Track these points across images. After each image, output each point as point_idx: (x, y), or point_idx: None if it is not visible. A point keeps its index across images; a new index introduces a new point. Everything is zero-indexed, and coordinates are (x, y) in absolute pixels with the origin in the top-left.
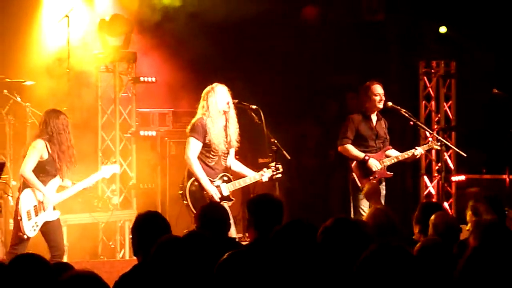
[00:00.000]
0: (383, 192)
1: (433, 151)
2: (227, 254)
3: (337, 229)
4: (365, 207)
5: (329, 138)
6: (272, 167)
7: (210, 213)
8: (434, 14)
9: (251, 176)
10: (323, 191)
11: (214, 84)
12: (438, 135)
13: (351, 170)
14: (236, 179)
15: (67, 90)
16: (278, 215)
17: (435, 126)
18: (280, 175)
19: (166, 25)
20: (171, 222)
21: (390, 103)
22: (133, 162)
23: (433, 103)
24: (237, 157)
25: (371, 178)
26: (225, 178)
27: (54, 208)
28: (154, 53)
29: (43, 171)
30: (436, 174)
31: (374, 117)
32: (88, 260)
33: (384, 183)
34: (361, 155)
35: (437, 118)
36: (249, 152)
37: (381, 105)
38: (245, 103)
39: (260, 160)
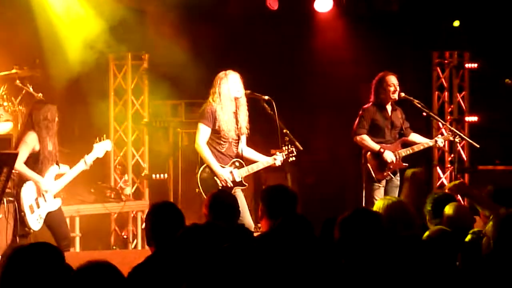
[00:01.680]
0: (397, 183)
1: (446, 142)
2: (224, 246)
3: (356, 220)
4: (378, 198)
5: (342, 129)
6: (285, 151)
7: (218, 200)
8: (448, 5)
9: (263, 161)
10: (335, 183)
11: (228, 71)
12: (451, 126)
13: (365, 161)
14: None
15: (80, 81)
16: (292, 205)
17: (448, 117)
18: (294, 158)
19: (178, 14)
20: (184, 213)
21: (403, 94)
22: (145, 152)
23: (446, 93)
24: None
25: (386, 169)
26: (237, 164)
27: (54, 197)
28: (167, 44)
29: (38, 161)
30: (449, 165)
31: (389, 107)
32: (100, 250)
33: (398, 174)
34: (376, 147)
35: (450, 109)
36: (261, 143)
37: (395, 96)
38: (258, 94)
39: (272, 151)
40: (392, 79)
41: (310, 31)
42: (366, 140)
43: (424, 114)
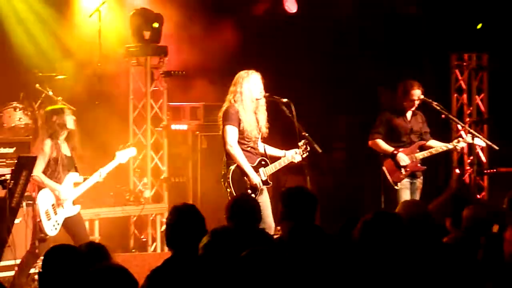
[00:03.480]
0: (419, 185)
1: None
2: (246, 251)
3: (377, 223)
4: (400, 200)
5: (361, 131)
6: (302, 147)
7: (239, 204)
8: (467, 7)
9: (284, 158)
10: (354, 186)
11: (250, 71)
12: (470, 128)
13: (381, 164)
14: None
15: (99, 84)
16: (312, 207)
17: (467, 119)
18: (307, 153)
19: (196, 17)
20: (203, 216)
21: (422, 96)
22: (164, 155)
23: (465, 96)
24: None
25: (401, 172)
26: (263, 163)
27: (73, 203)
28: (185, 47)
29: (57, 168)
30: (468, 167)
31: (409, 112)
32: (119, 253)
33: (421, 177)
34: (390, 149)
35: (469, 111)
36: (280, 145)
37: (414, 109)
38: (276, 97)
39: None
40: (418, 93)
41: (327, 33)
42: (379, 143)
43: (443, 116)
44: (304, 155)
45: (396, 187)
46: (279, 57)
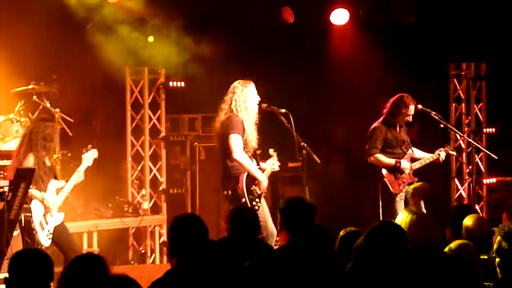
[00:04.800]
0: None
1: (464, 154)
2: (248, 262)
3: (383, 233)
4: (399, 210)
5: (359, 141)
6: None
7: (239, 215)
8: (465, 16)
9: (268, 169)
10: (352, 196)
11: (246, 81)
12: (469, 138)
13: (381, 176)
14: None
15: (96, 96)
16: (309, 217)
17: (466, 129)
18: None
19: (195, 28)
20: None
21: (420, 106)
22: (162, 167)
23: (463, 105)
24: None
25: (400, 183)
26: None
27: (58, 211)
28: (183, 58)
29: (40, 179)
30: (467, 177)
31: (398, 125)
32: (118, 265)
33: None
34: (392, 161)
35: (467, 121)
36: (279, 156)
37: (404, 123)
38: (275, 107)
39: (290, 164)
40: (412, 110)
41: (326, 43)
42: (380, 158)
43: (442, 126)
44: (277, 165)
45: (399, 198)
46: (278, 66)
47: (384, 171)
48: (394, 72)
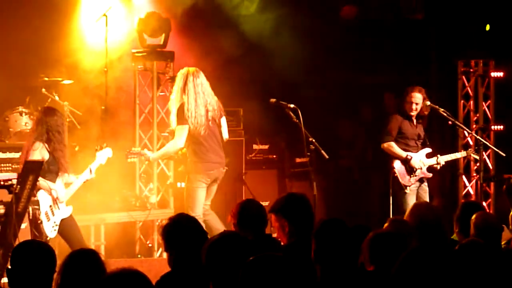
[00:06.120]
0: (426, 188)
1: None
2: (252, 258)
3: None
4: (410, 204)
5: (367, 137)
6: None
7: (246, 209)
8: (474, 13)
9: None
10: (360, 191)
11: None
12: (477, 135)
13: (391, 169)
14: None
15: (105, 89)
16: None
17: (474, 126)
18: None
19: (202, 23)
20: None
21: (428, 103)
22: (170, 161)
23: (471, 102)
24: (274, 156)
25: (412, 177)
26: None
27: (66, 204)
28: (191, 52)
29: (48, 170)
30: (474, 174)
31: (415, 119)
32: (125, 259)
33: (426, 182)
34: (403, 154)
35: (475, 118)
36: (287, 151)
37: (413, 113)
38: (283, 102)
39: (298, 160)
40: (415, 96)
41: (332, 40)
42: (393, 147)
43: (450, 123)
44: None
45: (406, 191)
46: (285, 61)
47: (396, 163)
48: (402, 69)
